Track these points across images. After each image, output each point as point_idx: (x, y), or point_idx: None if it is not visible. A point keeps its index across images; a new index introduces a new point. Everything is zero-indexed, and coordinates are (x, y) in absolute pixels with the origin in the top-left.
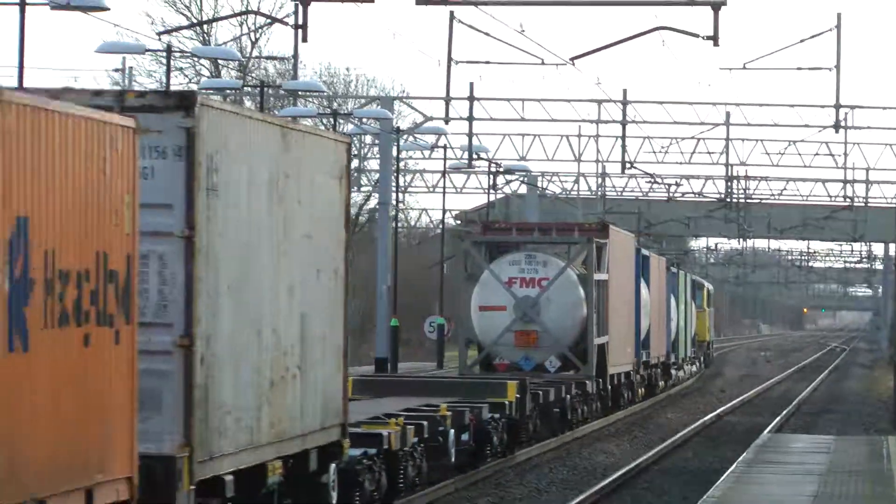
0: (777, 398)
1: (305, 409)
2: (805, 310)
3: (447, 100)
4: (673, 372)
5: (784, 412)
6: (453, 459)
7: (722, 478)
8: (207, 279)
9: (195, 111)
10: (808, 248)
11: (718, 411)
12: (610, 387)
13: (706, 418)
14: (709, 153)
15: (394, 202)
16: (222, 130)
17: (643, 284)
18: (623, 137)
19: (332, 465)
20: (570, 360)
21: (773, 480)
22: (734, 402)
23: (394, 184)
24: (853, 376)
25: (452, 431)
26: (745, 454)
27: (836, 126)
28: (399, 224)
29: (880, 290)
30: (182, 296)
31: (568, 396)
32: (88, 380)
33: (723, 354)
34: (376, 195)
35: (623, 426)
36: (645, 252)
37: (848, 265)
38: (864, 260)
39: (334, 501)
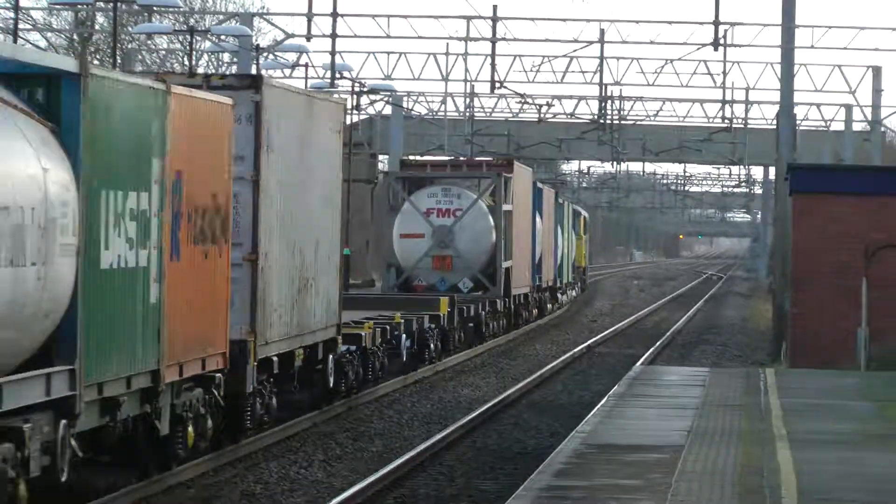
0: (650, 329)
1: (317, 312)
2: (681, 236)
3: (309, 16)
4: (559, 296)
5: (658, 343)
6: (405, 359)
7: (592, 412)
8: (265, 210)
9: (262, 89)
10: (685, 172)
11: (589, 342)
12: (513, 306)
13: (576, 350)
14: (582, 72)
15: None
16: (277, 102)
17: (538, 215)
18: (493, 56)
19: (330, 356)
20: (481, 281)
21: (646, 415)
22: (605, 332)
23: None
24: (730, 305)
25: (404, 336)
26: (616, 387)
27: (716, 44)
28: None
29: (759, 216)
30: (250, 223)
31: (482, 313)
32: (206, 282)
33: (595, 282)
34: None
35: (489, 357)
36: (539, 185)
37: (726, 189)
38: (743, 184)
39: (331, 385)
